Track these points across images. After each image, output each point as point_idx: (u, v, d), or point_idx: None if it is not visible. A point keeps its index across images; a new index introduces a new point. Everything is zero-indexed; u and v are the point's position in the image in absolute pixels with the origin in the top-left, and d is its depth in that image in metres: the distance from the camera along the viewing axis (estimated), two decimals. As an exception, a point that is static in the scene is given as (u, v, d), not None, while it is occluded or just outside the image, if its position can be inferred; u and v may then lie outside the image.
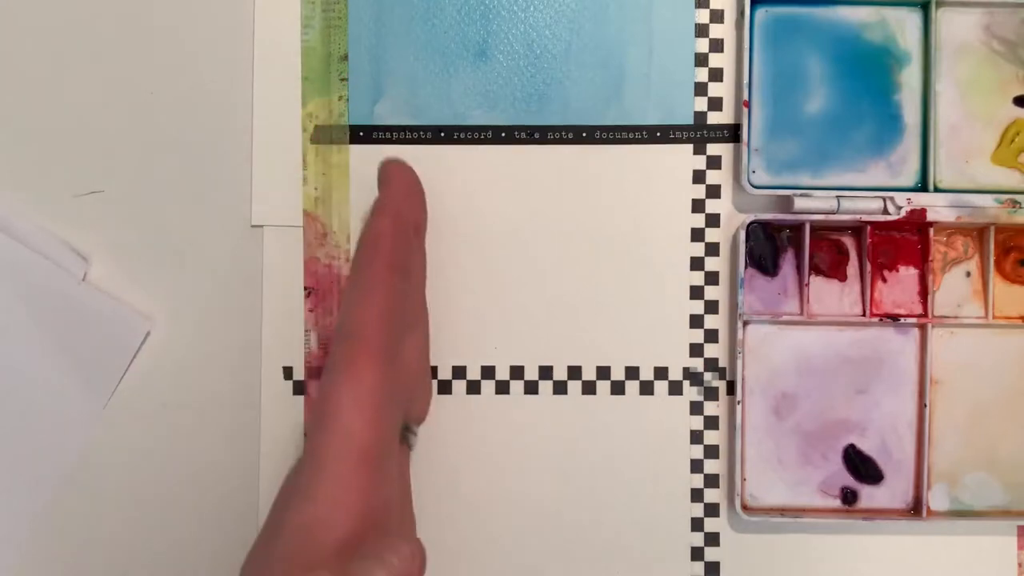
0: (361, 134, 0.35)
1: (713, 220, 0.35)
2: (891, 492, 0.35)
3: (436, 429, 0.35)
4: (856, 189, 0.35)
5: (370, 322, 0.27)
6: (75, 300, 0.35)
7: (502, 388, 0.35)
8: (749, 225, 0.35)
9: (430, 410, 0.35)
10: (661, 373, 0.35)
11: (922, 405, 0.35)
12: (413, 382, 0.31)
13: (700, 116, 0.35)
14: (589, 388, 0.35)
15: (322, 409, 0.27)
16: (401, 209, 0.30)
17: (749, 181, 0.34)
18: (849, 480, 0.35)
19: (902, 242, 0.35)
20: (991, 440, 0.35)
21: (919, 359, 0.35)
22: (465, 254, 0.35)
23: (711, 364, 0.36)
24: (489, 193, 0.35)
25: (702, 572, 0.35)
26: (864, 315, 0.35)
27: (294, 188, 0.35)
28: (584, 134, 0.35)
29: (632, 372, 0.35)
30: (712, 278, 0.35)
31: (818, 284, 0.35)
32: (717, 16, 0.35)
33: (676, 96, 0.35)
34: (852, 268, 0.35)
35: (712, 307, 0.35)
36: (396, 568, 0.25)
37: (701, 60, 0.35)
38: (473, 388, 0.35)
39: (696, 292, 0.35)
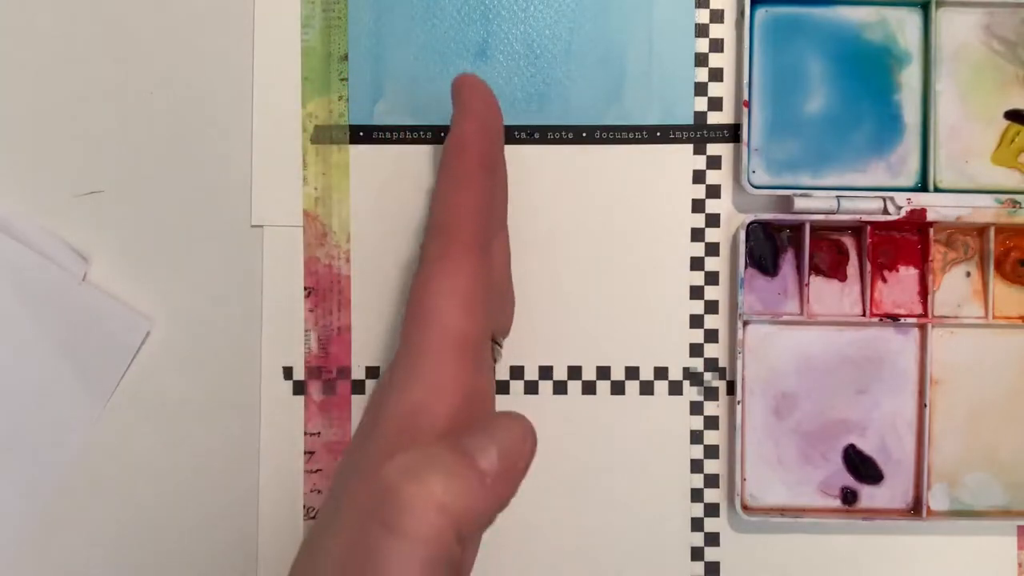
0: (361, 134, 0.35)
1: (713, 220, 0.35)
2: (891, 492, 0.35)
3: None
4: (856, 189, 0.35)
5: (463, 216, 0.27)
6: (75, 300, 0.35)
7: (502, 388, 0.35)
8: (749, 225, 0.35)
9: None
10: (661, 373, 0.35)
11: (922, 405, 0.35)
12: (500, 286, 0.31)
13: (700, 116, 0.35)
14: (589, 388, 0.35)
15: (417, 301, 0.26)
16: (483, 112, 0.30)
17: (749, 181, 0.34)
18: (849, 480, 0.35)
19: (902, 242, 0.35)
20: (991, 440, 0.35)
21: (919, 359, 0.35)
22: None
23: (711, 364, 0.36)
24: (489, 193, 0.35)
25: (702, 572, 0.35)
26: (864, 315, 0.35)
27: (294, 188, 0.35)
28: (584, 134, 0.35)
29: (632, 372, 0.35)
30: (712, 278, 0.35)
31: (818, 284, 0.35)
32: (717, 16, 0.35)
33: (676, 96, 0.35)
34: (852, 268, 0.35)
35: (712, 307, 0.36)
36: (508, 443, 0.25)
37: (701, 60, 0.35)
38: (473, 388, 0.35)
39: (696, 292, 0.35)
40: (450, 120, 0.30)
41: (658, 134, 0.35)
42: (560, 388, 0.35)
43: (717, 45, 0.35)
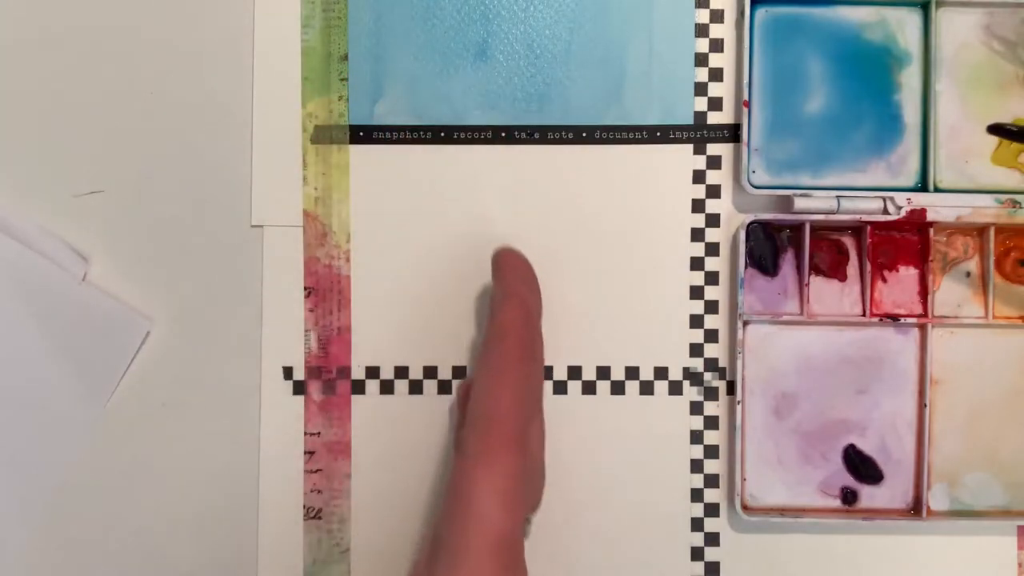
0: (361, 134, 0.35)
1: (713, 220, 0.35)
2: (891, 492, 0.35)
3: (435, 429, 0.35)
4: (856, 189, 0.35)
5: (504, 410, 0.28)
6: (75, 300, 0.35)
7: (502, 388, 0.35)
8: (749, 225, 0.35)
9: (432, 409, 0.35)
10: (661, 373, 0.35)
11: (922, 405, 0.35)
12: (535, 470, 0.31)
13: (700, 116, 0.35)
14: (589, 388, 0.35)
15: (456, 498, 0.27)
16: (525, 297, 0.30)
17: (749, 181, 0.34)
18: (849, 480, 0.35)
19: (902, 242, 0.35)
20: (991, 440, 0.35)
21: (919, 359, 0.35)
22: (465, 254, 0.35)
23: (711, 364, 0.36)
24: (489, 193, 0.35)
25: (702, 572, 0.35)
26: (864, 315, 0.35)
27: (294, 188, 0.35)
28: (584, 134, 0.35)
29: (632, 372, 0.35)
30: (712, 278, 0.35)
31: (818, 284, 0.35)
32: (717, 16, 0.35)
33: (676, 96, 0.35)
34: (852, 268, 0.35)
35: (712, 307, 0.35)
36: None
37: (701, 60, 0.35)
38: (473, 388, 0.35)
39: (696, 292, 0.35)
40: (503, 272, 0.31)
41: (658, 134, 0.35)
42: (560, 388, 0.35)
43: (717, 45, 0.35)
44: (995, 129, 0.33)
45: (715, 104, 0.35)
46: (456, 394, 0.34)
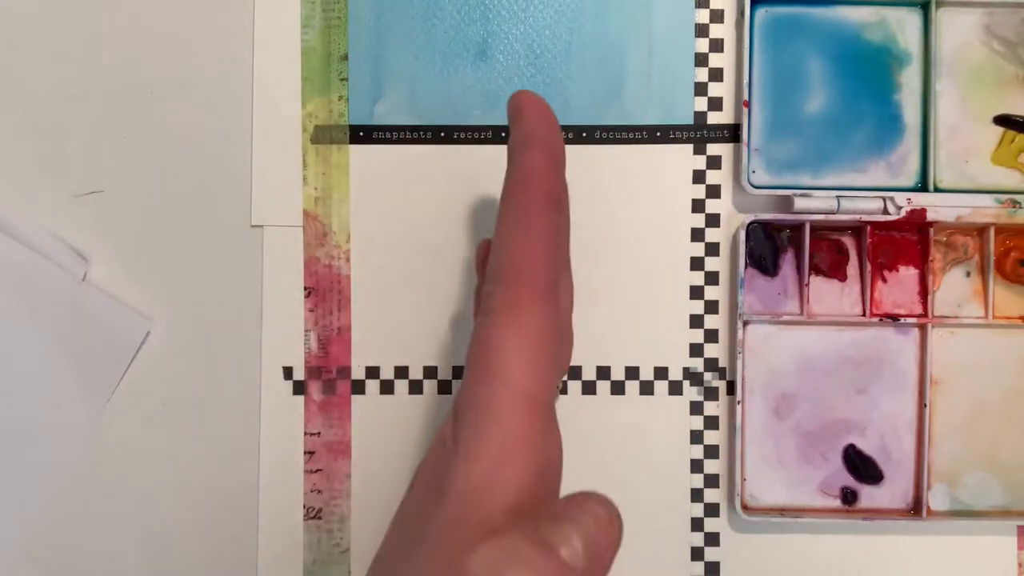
0: (361, 134, 0.35)
1: (713, 220, 0.35)
2: (891, 492, 0.35)
3: (435, 429, 0.35)
4: (856, 189, 0.35)
5: (532, 261, 0.25)
6: (75, 300, 0.35)
7: (502, 388, 0.35)
8: (749, 225, 0.35)
9: (432, 409, 0.35)
10: (661, 373, 0.35)
11: (922, 405, 0.35)
12: (565, 330, 0.29)
13: (700, 116, 0.35)
14: (589, 388, 0.35)
15: (483, 356, 0.24)
16: (549, 140, 0.27)
17: (749, 181, 0.34)
18: (849, 480, 0.35)
19: (902, 242, 0.35)
20: (991, 440, 0.35)
21: (919, 359, 0.35)
22: (465, 254, 0.35)
23: (711, 364, 0.36)
24: (489, 193, 0.35)
25: (702, 572, 0.35)
26: (864, 315, 0.35)
27: (294, 188, 0.35)
28: (584, 134, 0.35)
29: (632, 372, 0.35)
30: (712, 278, 0.35)
31: (818, 284, 0.35)
32: (717, 16, 0.35)
33: (676, 96, 0.35)
34: (852, 268, 0.35)
35: (712, 307, 0.35)
36: (593, 532, 0.22)
37: (701, 60, 0.35)
38: (473, 388, 0.35)
39: (696, 292, 0.35)
40: (508, 142, 0.28)
41: (658, 134, 0.35)
42: (560, 388, 0.35)
43: (717, 45, 0.35)
44: (1001, 120, 0.33)
45: (715, 104, 0.35)
46: (476, 254, 0.32)
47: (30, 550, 0.35)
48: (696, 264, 0.35)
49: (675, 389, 0.35)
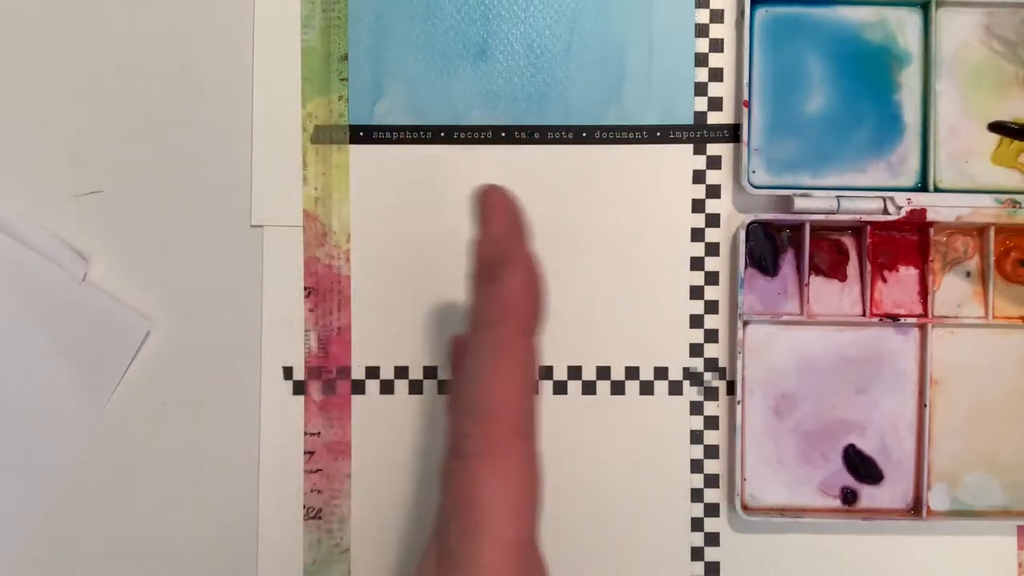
0: (361, 134, 0.35)
1: (713, 220, 0.35)
2: (891, 492, 0.35)
3: (437, 429, 0.35)
4: (856, 189, 0.35)
5: (510, 399, 0.24)
6: (75, 300, 0.35)
7: (502, 388, 0.35)
8: (749, 225, 0.35)
9: (431, 409, 0.35)
10: (661, 373, 0.35)
11: (922, 405, 0.35)
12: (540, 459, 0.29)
13: (700, 116, 0.35)
14: (589, 388, 0.35)
15: (466, 507, 0.24)
16: (527, 256, 0.26)
17: (749, 181, 0.34)
18: (849, 480, 0.35)
19: (902, 242, 0.35)
20: (991, 440, 0.35)
21: (919, 359, 0.35)
22: (465, 254, 0.35)
23: (711, 364, 0.36)
24: (489, 193, 0.35)
25: (702, 572, 0.35)
26: (864, 315, 0.35)
27: (294, 188, 0.35)
28: (584, 134, 0.35)
29: (632, 372, 0.35)
30: (712, 278, 0.35)
31: (818, 284, 0.35)
32: (717, 16, 0.35)
33: (676, 96, 0.35)
34: (852, 268, 0.35)
35: (712, 307, 0.35)
36: None
37: (701, 60, 0.35)
38: (473, 388, 0.35)
39: (696, 292, 0.35)
40: (473, 244, 0.26)
41: (658, 134, 0.35)
42: (560, 388, 0.35)
43: (717, 45, 0.35)
44: (996, 127, 0.33)
45: (715, 104, 0.35)
46: (451, 351, 0.31)
47: (30, 550, 0.35)
48: (696, 264, 0.35)
49: (675, 389, 0.35)
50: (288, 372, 0.35)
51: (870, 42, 0.35)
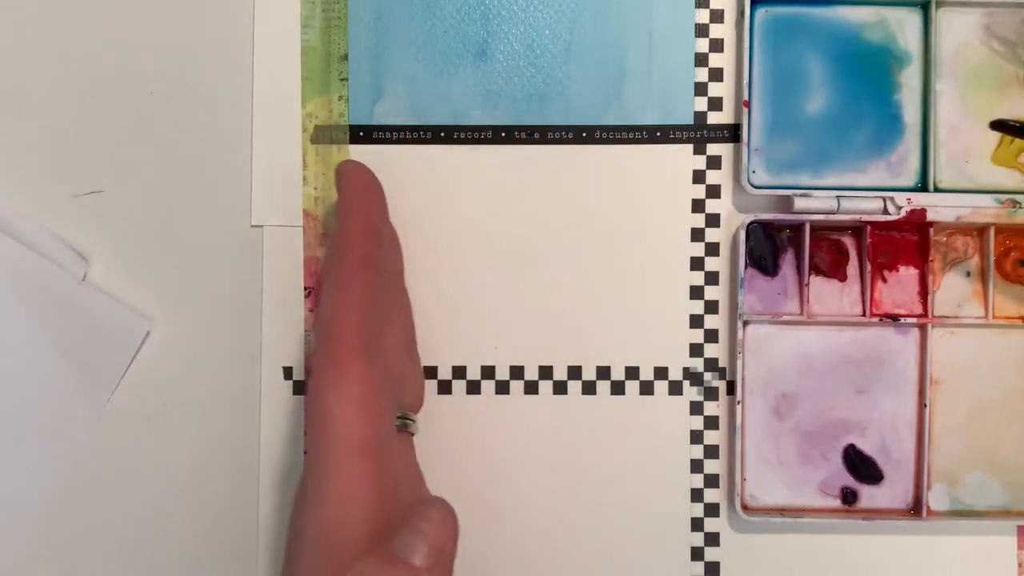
0: (361, 134, 0.35)
1: (713, 220, 0.35)
2: (891, 492, 0.35)
3: (436, 429, 0.35)
4: (856, 189, 0.35)
5: (347, 322, 0.28)
6: (75, 300, 0.35)
7: (502, 388, 0.35)
8: (749, 225, 0.35)
9: (432, 409, 0.35)
10: (661, 373, 0.35)
11: (922, 405, 0.35)
12: (401, 372, 0.32)
13: (700, 116, 0.35)
14: (589, 388, 0.35)
15: (313, 412, 0.27)
16: (366, 207, 0.31)
17: (749, 181, 0.34)
18: (849, 480, 0.35)
19: (902, 242, 0.35)
20: (991, 440, 0.35)
21: (919, 359, 0.35)
22: (465, 254, 0.35)
23: (711, 364, 0.36)
24: (489, 193, 0.35)
25: (702, 572, 0.35)
26: (864, 315, 0.35)
27: (294, 188, 0.35)
28: (584, 134, 0.35)
29: (632, 372, 0.35)
30: (712, 278, 0.35)
31: (818, 284, 0.35)
32: (717, 16, 0.35)
33: (676, 96, 0.35)
34: (852, 268, 0.35)
35: (712, 307, 0.35)
36: (432, 532, 0.26)
37: (701, 60, 0.35)
38: (473, 388, 0.35)
39: (696, 292, 0.35)
40: (344, 185, 0.31)
41: (658, 134, 0.35)
42: (560, 388, 0.35)
43: (717, 45, 0.35)
44: (997, 125, 0.33)
45: (715, 104, 0.35)
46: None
47: (30, 550, 0.35)
48: (696, 264, 0.35)
49: (675, 389, 0.35)
50: (288, 372, 0.35)
51: (870, 42, 0.35)
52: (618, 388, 0.35)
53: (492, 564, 0.35)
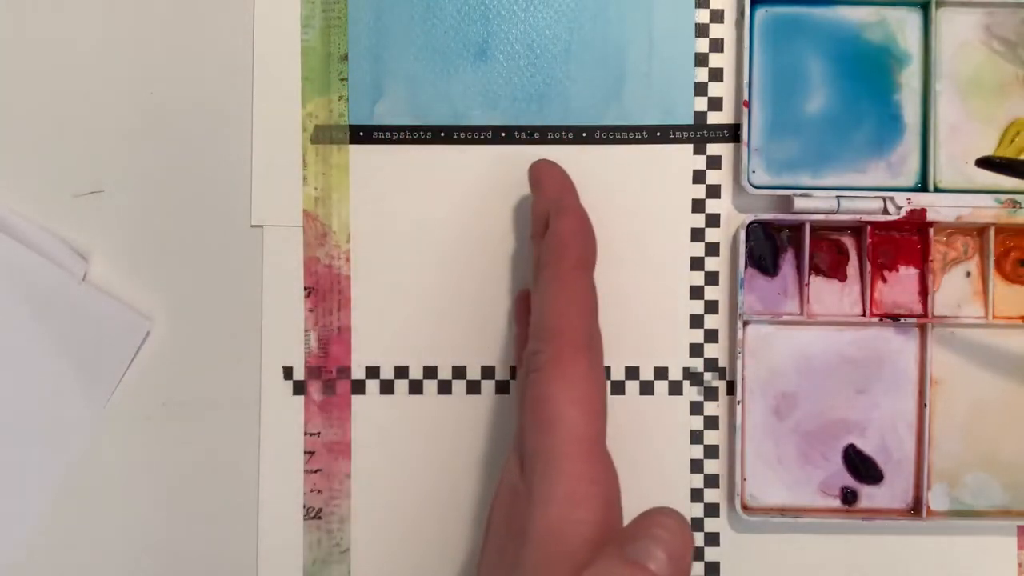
0: (361, 134, 0.35)
1: (713, 220, 0.35)
2: (891, 492, 0.35)
3: (435, 429, 0.35)
4: (856, 189, 0.35)
5: (571, 320, 0.28)
6: (75, 300, 0.35)
7: (502, 388, 0.35)
8: (749, 225, 0.35)
9: (432, 409, 0.35)
10: (661, 373, 0.35)
11: (922, 405, 0.35)
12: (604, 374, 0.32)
13: (700, 116, 0.35)
14: (589, 388, 0.35)
15: (541, 409, 0.27)
16: (577, 207, 0.31)
17: (749, 181, 0.34)
18: (849, 480, 0.35)
19: (902, 242, 0.35)
20: (991, 440, 0.35)
21: (919, 359, 0.35)
22: (466, 254, 0.35)
23: (711, 364, 0.36)
24: (489, 193, 0.35)
25: (702, 572, 0.35)
26: (864, 315, 0.35)
27: (294, 188, 0.35)
28: (584, 134, 0.35)
29: (632, 372, 0.35)
30: (712, 278, 0.35)
31: (818, 284, 0.35)
32: (717, 16, 0.35)
33: (676, 96, 0.35)
34: (852, 268, 0.35)
35: (712, 307, 0.35)
36: (671, 541, 0.25)
37: (701, 60, 0.35)
38: (473, 388, 0.35)
39: (696, 292, 0.35)
40: (532, 206, 0.32)
41: (658, 134, 0.35)
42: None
43: (717, 45, 0.35)
44: (983, 163, 0.32)
45: (715, 104, 0.35)
46: (515, 304, 0.35)
47: (30, 550, 0.35)
48: (696, 264, 0.35)
49: (675, 389, 0.35)
50: (288, 372, 0.35)
51: (870, 42, 0.35)
52: (618, 388, 0.35)
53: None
